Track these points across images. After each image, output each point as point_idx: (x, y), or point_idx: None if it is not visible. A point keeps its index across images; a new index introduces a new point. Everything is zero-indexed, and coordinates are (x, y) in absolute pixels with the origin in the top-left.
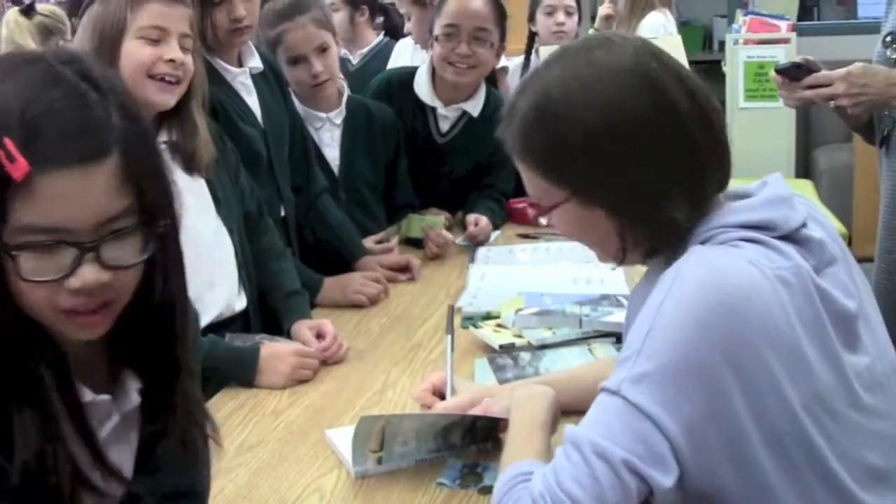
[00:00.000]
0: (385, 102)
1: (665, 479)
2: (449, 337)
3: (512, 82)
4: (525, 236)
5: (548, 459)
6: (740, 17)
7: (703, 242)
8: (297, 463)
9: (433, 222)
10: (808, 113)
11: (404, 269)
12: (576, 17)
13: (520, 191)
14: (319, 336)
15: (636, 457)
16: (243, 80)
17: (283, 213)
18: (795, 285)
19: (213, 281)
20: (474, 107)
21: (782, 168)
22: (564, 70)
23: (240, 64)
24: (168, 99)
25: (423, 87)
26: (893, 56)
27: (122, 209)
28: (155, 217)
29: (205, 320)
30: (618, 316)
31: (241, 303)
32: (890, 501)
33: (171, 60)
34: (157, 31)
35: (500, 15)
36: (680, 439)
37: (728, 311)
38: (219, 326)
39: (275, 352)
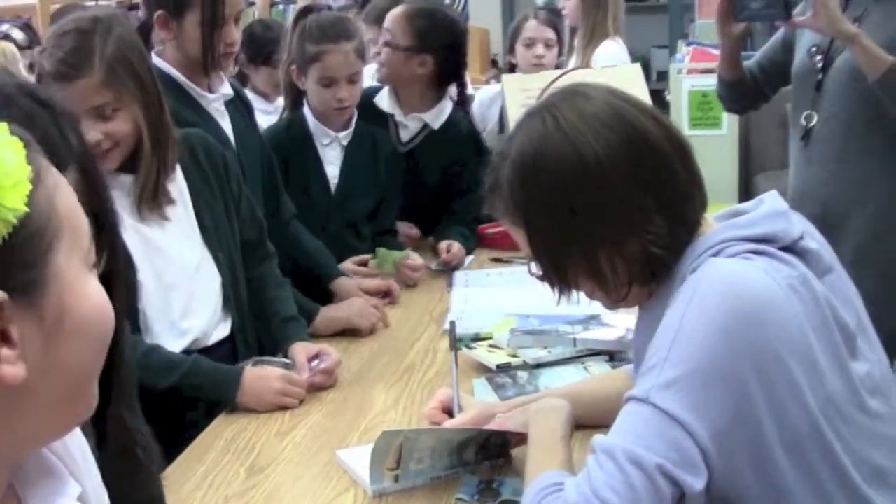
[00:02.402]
0: None
1: (697, 483)
2: (453, 354)
3: (480, 111)
4: (498, 261)
5: (571, 470)
6: (683, 48)
7: (712, 257)
8: (312, 483)
9: (402, 255)
10: (749, 140)
11: (385, 293)
12: (555, 50)
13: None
14: (316, 357)
15: (669, 462)
16: (217, 106)
17: None
18: (804, 293)
19: (191, 307)
20: (434, 118)
21: (726, 193)
22: (532, 130)
23: (209, 90)
24: (108, 165)
25: (384, 98)
26: (818, 66)
27: None
28: (105, 233)
29: (178, 346)
30: (609, 334)
31: (222, 331)
32: (892, 498)
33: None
34: None
35: (408, 20)
36: (708, 443)
37: (750, 317)
38: (194, 354)
39: (261, 374)
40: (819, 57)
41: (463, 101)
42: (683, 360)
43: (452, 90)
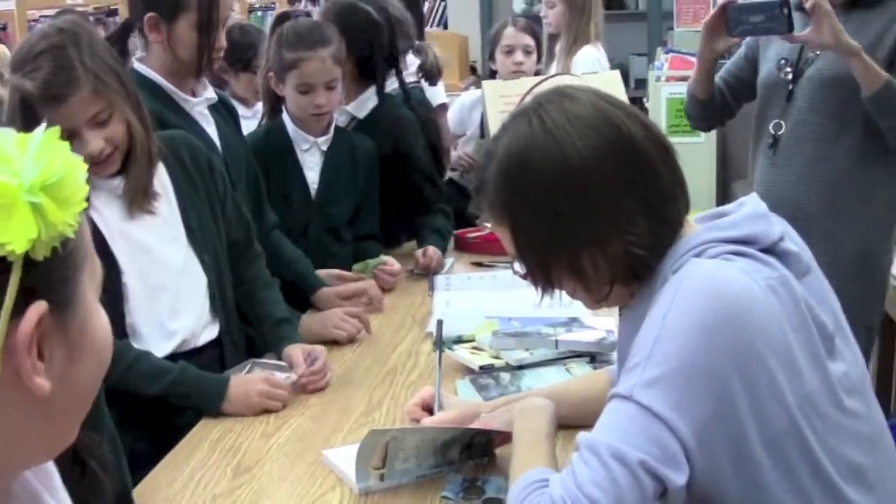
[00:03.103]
0: None
1: (679, 479)
2: (438, 352)
3: (461, 117)
4: (479, 265)
5: (556, 468)
6: (661, 55)
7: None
8: (298, 482)
9: (377, 262)
10: (726, 148)
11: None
12: (534, 56)
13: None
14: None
15: (652, 458)
16: (202, 111)
17: None
18: (783, 294)
19: (178, 309)
20: (357, 108)
21: (704, 200)
22: (519, 130)
23: (192, 95)
24: (112, 169)
25: None
26: (788, 77)
27: None
28: None
29: (165, 349)
30: (590, 336)
31: (210, 333)
32: (869, 496)
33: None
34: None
35: (338, 18)
36: (690, 440)
37: (731, 316)
38: (183, 356)
39: (245, 380)
40: (788, 69)
41: (405, 92)
42: (666, 359)
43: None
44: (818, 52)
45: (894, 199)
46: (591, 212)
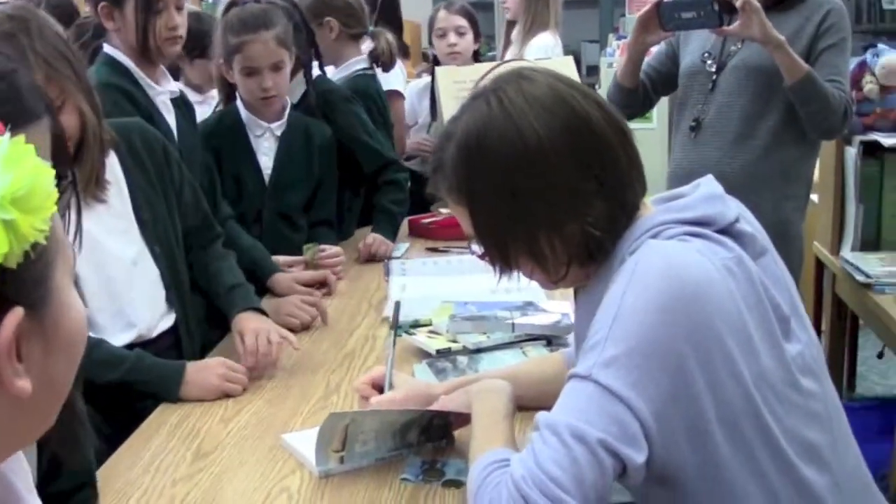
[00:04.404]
0: None
1: (638, 457)
2: (392, 333)
3: (411, 106)
4: (434, 250)
5: (515, 448)
6: (614, 42)
7: (650, 239)
8: (258, 466)
9: (314, 249)
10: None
11: (321, 285)
12: (469, 37)
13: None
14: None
15: (611, 437)
16: (164, 100)
17: None
18: (739, 274)
19: (133, 301)
20: (291, 94)
21: (655, 185)
22: (477, 111)
23: (156, 84)
24: None
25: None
26: (712, 69)
27: None
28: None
29: (123, 339)
30: (545, 319)
31: (166, 323)
32: (823, 474)
33: None
34: None
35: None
36: (649, 418)
37: (688, 296)
38: (139, 347)
39: (202, 365)
40: (711, 61)
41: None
42: (624, 338)
43: None
44: (740, 45)
45: (809, 177)
46: (548, 192)
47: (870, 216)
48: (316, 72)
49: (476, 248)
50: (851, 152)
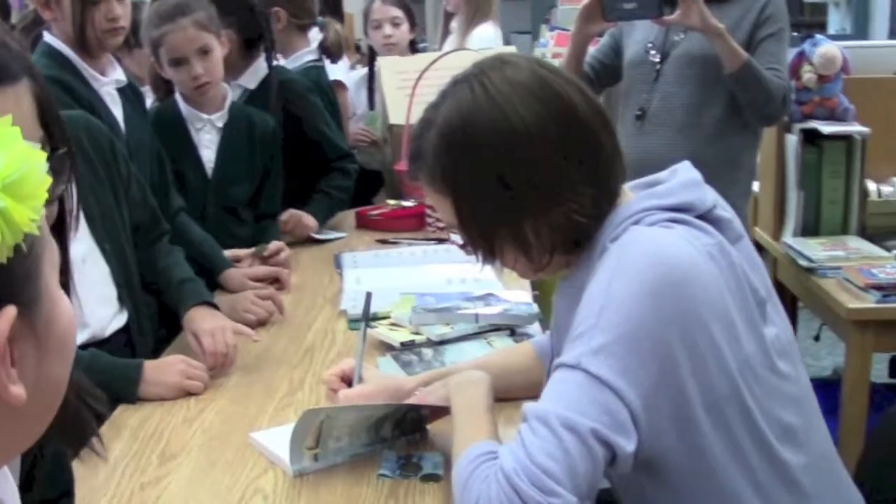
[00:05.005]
0: None
1: (629, 445)
2: (363, 325)
3: (354, 96)
4: (384, 242)
5: (499, 440)
6: (546, 33)
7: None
8: (229, 467)
9: (260, 249)
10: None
11: (274, 280)
12: (405, 27)
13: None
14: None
15: (603, 426)
16: (109, 91)
17: None
18: (721, 260)
19: (85, 300)
20: (248, 79)
21: None
22: (461, 97)
23: (101, 74)
24: None
25: None
26: (656, 59)
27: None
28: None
29: (77, 340)
30: (509, 310)
31: (118, 322)
32: (799, 454)
33: None
34: None
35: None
36: (638, 406)
37: (675, 283)
38: (92, 346)
39: (160, 362)
40: (654, 52)
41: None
42: (612, 326)
43: None
44: (682, 35)
45: (753, 165)
46: (535, 179)
47: (809, 202)
48: None
49: (458, 237)
50: (792, 140)
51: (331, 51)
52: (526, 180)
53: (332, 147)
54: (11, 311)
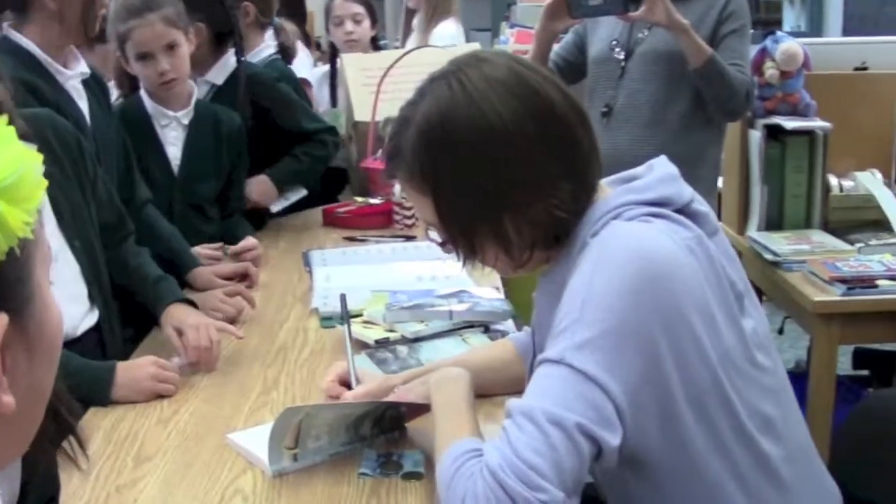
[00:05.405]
0: None
1: (614, 440)
2: (346, 326)
3: (317, 93)
4: (352, 239)
5: (481, 437)
6: (506, 30)
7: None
8: (206, 468)
9: (238, 248)
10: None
11: (243, 277)
12: (366, 23)
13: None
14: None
15: (589, 420)
16: (75, 84)
17: None
18: (700, 254)
19: (56, 299)
20: (215, 75)
21: None
22: (439, 94)
23: (65, 67)
24: None
25: None
26: (620, 56)
27: None
28: None
29: None
30: (483, 307)
31: (89, 321)
32: (778, 446)
33: None
34: None
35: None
36: (623, 401)
37: (658, 276)
38: (64, 347)
39: (132, 364)
40: (619, 49)
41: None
42: (596, 321)
43: None
44: (646, 32)
45: (717, 160)
46: (515, 175)
47: (773, 197)
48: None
49: (437, 235)
50: (756, 136)
51: (289, 51)
52: (505, 177)
53: (310, 122)
54: (3, 319)
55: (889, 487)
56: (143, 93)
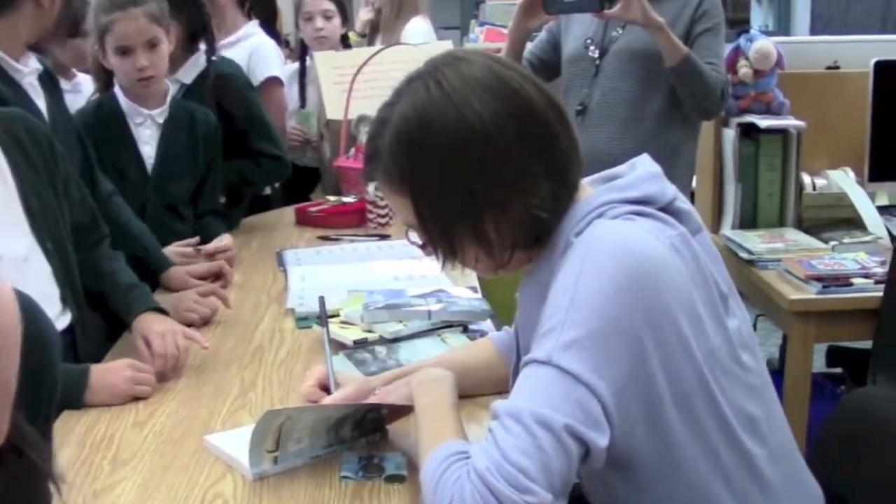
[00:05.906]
0: None
1: (602, 440)
2: (325, 329)
3: (287, 91)
4: (326, 238)
5: (466, 439)
6: (476, 28)
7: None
8: (184, 472)
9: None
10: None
11: (217, 276)
12: (336, 20)
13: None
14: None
15: (577, 421)
16: (31, 81)
17: None
18: (685, 252)
19: None
20: (184, 74)
21: None
22: (416, 95)
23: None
24: None
25: None
26: (595, 54)
27: None
28: None
29: None
30: (461, 306)
31: (61, 323)
32: (762, 445)
33: None
34: None
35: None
36: (610, 401)
37: (644, 275)
38: None
39: (107, 367)
40: (593, 47)
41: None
42: (583, 321)
43: None
44: (621, 31)
45: (693, 158)
46: (494, 174)
47: (747, 195)
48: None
49: (416, 237)
50: (730, 134)
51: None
52: (485, 177)
53: (260, 142)
54: None
55: (868, 487)
56: (117, 90)
